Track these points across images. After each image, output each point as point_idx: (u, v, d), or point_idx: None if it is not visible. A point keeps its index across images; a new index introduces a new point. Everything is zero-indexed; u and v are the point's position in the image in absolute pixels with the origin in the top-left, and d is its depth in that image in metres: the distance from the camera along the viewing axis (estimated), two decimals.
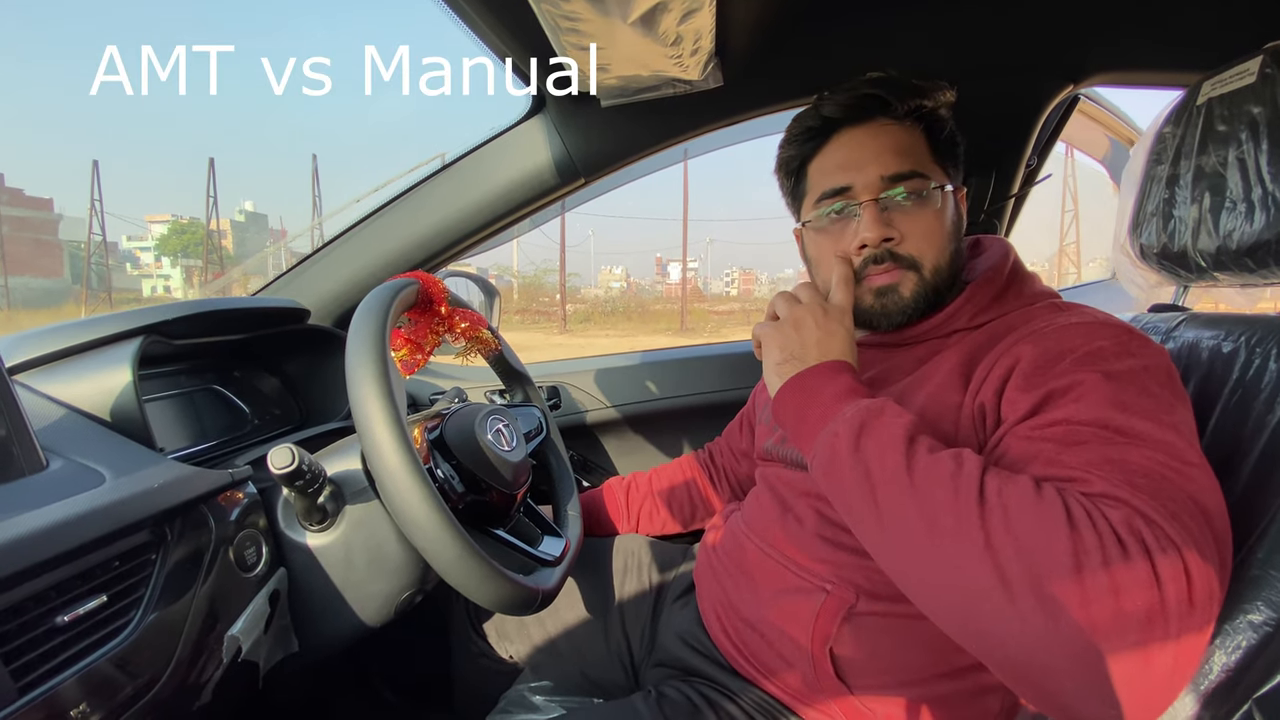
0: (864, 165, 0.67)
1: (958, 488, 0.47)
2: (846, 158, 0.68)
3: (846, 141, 0.69)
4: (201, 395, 0.87)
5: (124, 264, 46.65)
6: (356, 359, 0.56)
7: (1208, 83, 0.69)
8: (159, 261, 44.21)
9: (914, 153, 0.67)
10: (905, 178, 0.66)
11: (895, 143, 0.67)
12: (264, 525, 0.67)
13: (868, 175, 0.66)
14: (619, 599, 0.87)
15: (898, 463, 0.50)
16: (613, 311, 25.36)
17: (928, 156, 0.68)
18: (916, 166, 0.66)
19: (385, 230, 1.04)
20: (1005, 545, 0.43)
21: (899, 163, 0.66)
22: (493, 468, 0.69)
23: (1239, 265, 0.65)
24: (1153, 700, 0.41)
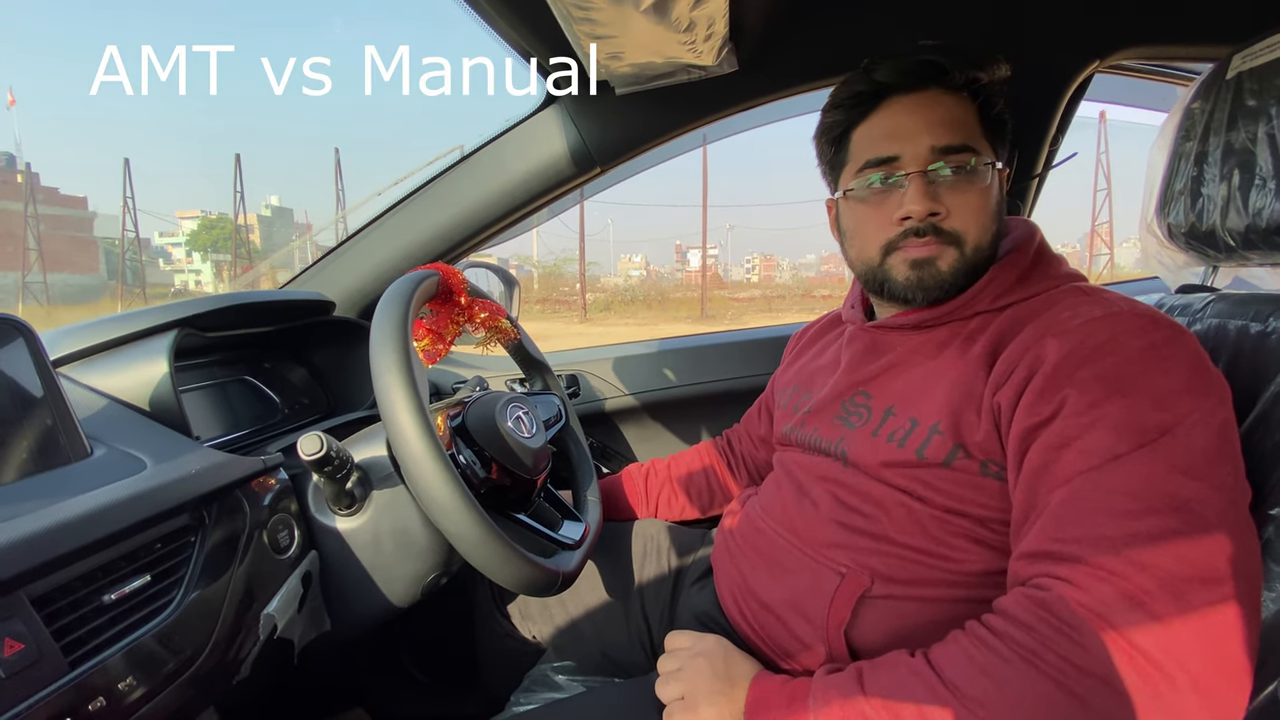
0: (915, 135, 0.64)
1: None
2: (896, 126, 0.66)
3: (897, 109, 0.66)
4: (234, 385, 0.90)
5: (156, 260, 47.92)
6: (380, 349, 0.58)
7: (1238, 56, 0.67)
8: (190, 257, 45.36)
9: (966, 125, 0.65)
10: (957, 150, 0.64)
11: (948, 114, 0.65)
12: (295, 510, 0.70)
13: (918, 145, 0.64)
14: (639, 582, 0.89)
15: None
16: (632, 300, 25.36)
17: (978, 131, 0.66)
18: (968, 140, 0.64)
19: (406, 223, 1.06)
20: None
21: (951, 134, 0.64)
22: (513, 454, 0.71)
23: (1269, 244, 0.63)
24: None
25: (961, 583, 0.61)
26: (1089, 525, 0.47)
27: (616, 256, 50.00)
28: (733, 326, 17.24)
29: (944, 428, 0.61)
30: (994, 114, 0.67)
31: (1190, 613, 0.42)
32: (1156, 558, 0.44)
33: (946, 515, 0.61)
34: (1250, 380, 0.59)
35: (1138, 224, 0.83)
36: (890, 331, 0.72)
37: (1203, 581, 0.43)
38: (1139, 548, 0.45)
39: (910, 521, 0.63)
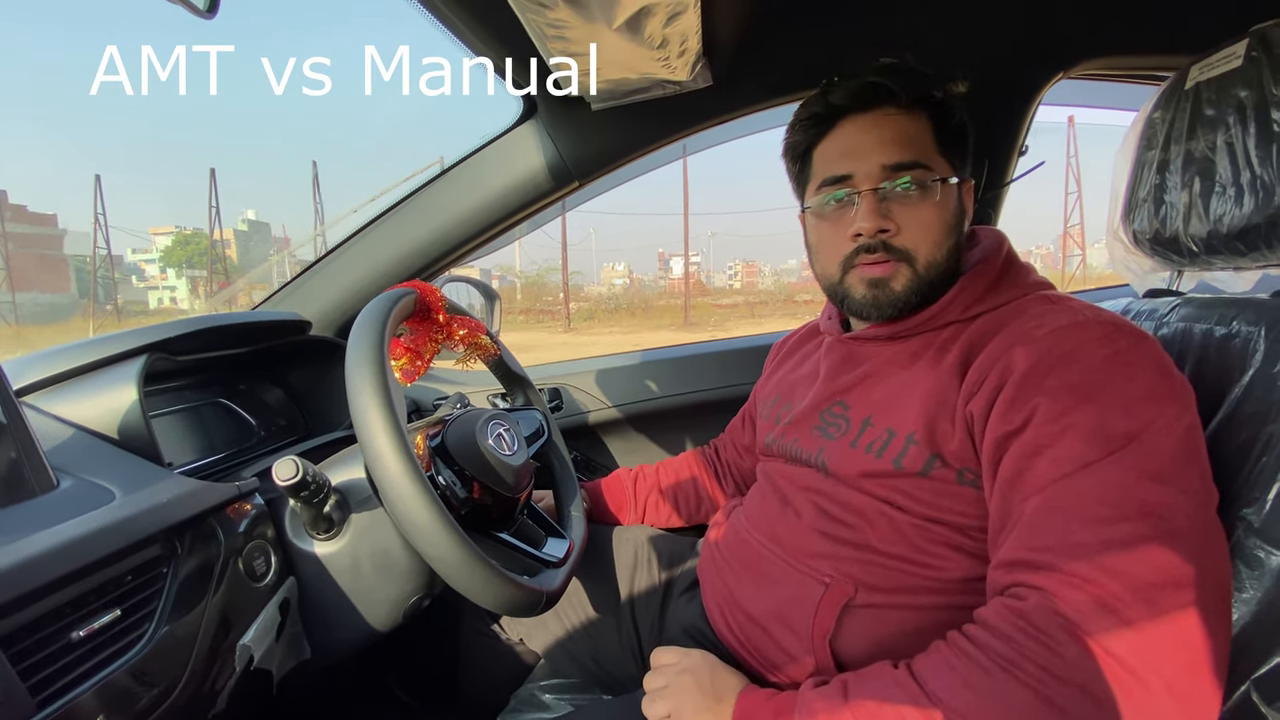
0: (866, 154, 0.66)
1: None
2: (849, 145, 0.68)
3: (850, 129, 0.68)
4: (208, 409, 0.89)
5: (129, 277, 47.04)
6: (356, 370, 0.57)
7: (1195, 67, 0.69)
8: (164, 273, 44.56)
9: (918, 143, 0.67)
10: (907, 167, 0.65)
11: (899, 132, 0.67)
12: (272, 535, 0.68)
13: (869, 164, 0.66)
14: (630, 592, 0.89)
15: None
16: (616, 308, 25.36)
17: (932, 147, 0.67)
18: (919, 157, 0.66)
19: (383, 239, 1.05)
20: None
21: (901, 152, 0.66)
22: (494, 472, 0.70)
23: (1230, 249, 0.65)
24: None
25: (943, 589, 0.62)
26: (1062, 533, 0.48)
27: (600, 265, 50.11)
28: (716, 333, 17.21)
29: (920, 438, 0.62)
30: (951, 129, 0.68)
31: (1162, 617, 0.43)
32: (1128, 564, 0.45)
33: (926, 524, 0.62)
34: (1216, 383, 0.60)
35: (1105, 227, 0.85)
36: (865, 343, 0.74)
37: (1174, 586, 0.44)
38: (1111, 554, 0.46)
39: (891, 530, 0.64)
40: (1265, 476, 0.49)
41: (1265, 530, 0.48)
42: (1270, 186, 0.58)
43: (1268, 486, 0.49)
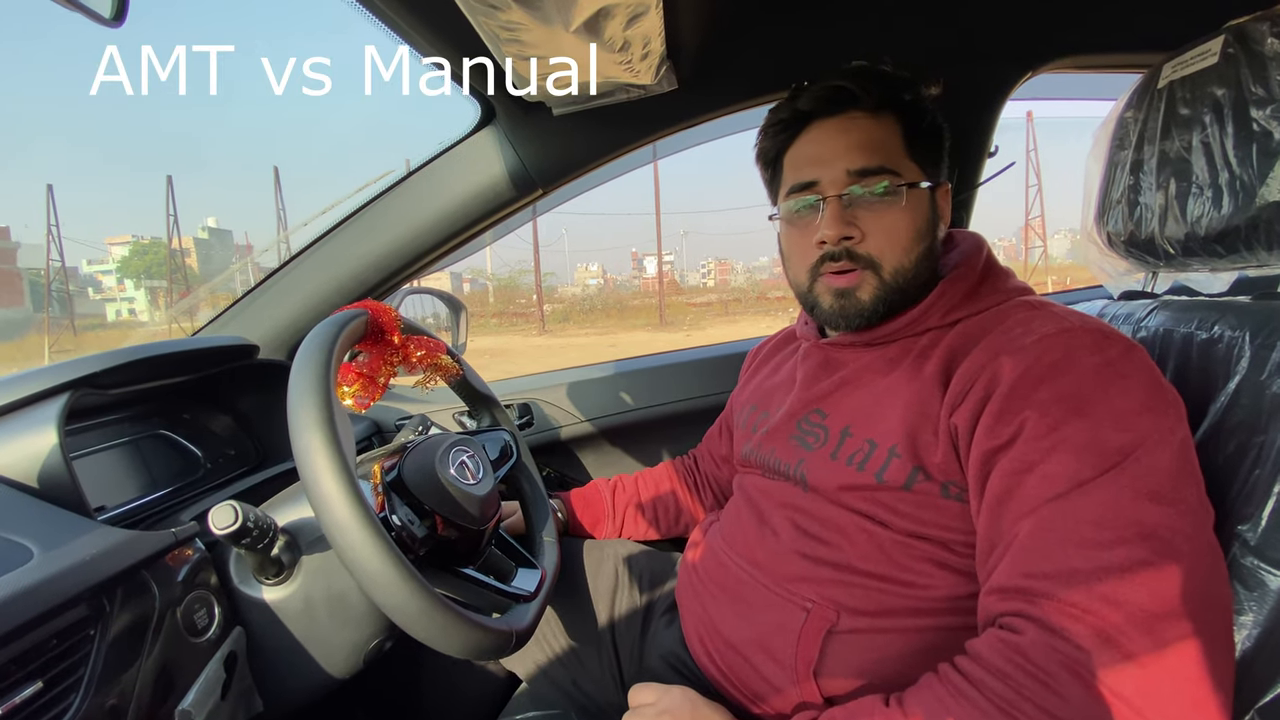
0: (831, 160, 0.65)
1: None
2: (816, 151, 0.67)
3: (817, 135, 0.67)
4: (148, 442, 0.82)
5: (85, 289, 45.42)
6: (298, 406, 0.52)
7: (1168, 65, 0.67)
8: (122, 284, 43.10)
9: (885, 148, 0.65)
10: (872, 173, 0.64)
11: (865, 137, 0.65)
12: (215, 583, 0.63)
13: (834, 170, 0.65)
14: (610, 615, 0.85)
15: None
16: (591, 309, 25.25)
17: (901, 151, 0.65)
18: (885, 162, 0.64)
19: (335, 254, 0.99)
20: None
21: (866, 158, 0.64)
22: (458, 505, 0.66)
23: (1209, 251, 0.64)
24: None
25: (927, 610, 0.60)
26: (1059, 559, 0.46)
27: (573, 266, 49.83)
28: (692, 331, 17.22)
29: (902, 450, 0.60)
30: (922, 132, 0.67)
31: (1166, 650, 0.41)
32: (1128, 592, 0.43)
33: (909, 539, 0.60)
34: (1200, 389, 0.59)
35: (1069, 221, 0.85)
36: (843, 348, 0.72)
37: (1176, 615, 0.42)
38: (1110, 581, 0.43)
39: (872, 548, 0.62)
40: (1259, 491, 0.47)
41: (1262, 549, 0.46)
42: (1250, 187, 0.57)
43: (1262, 502, 0.47)
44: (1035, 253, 25.87)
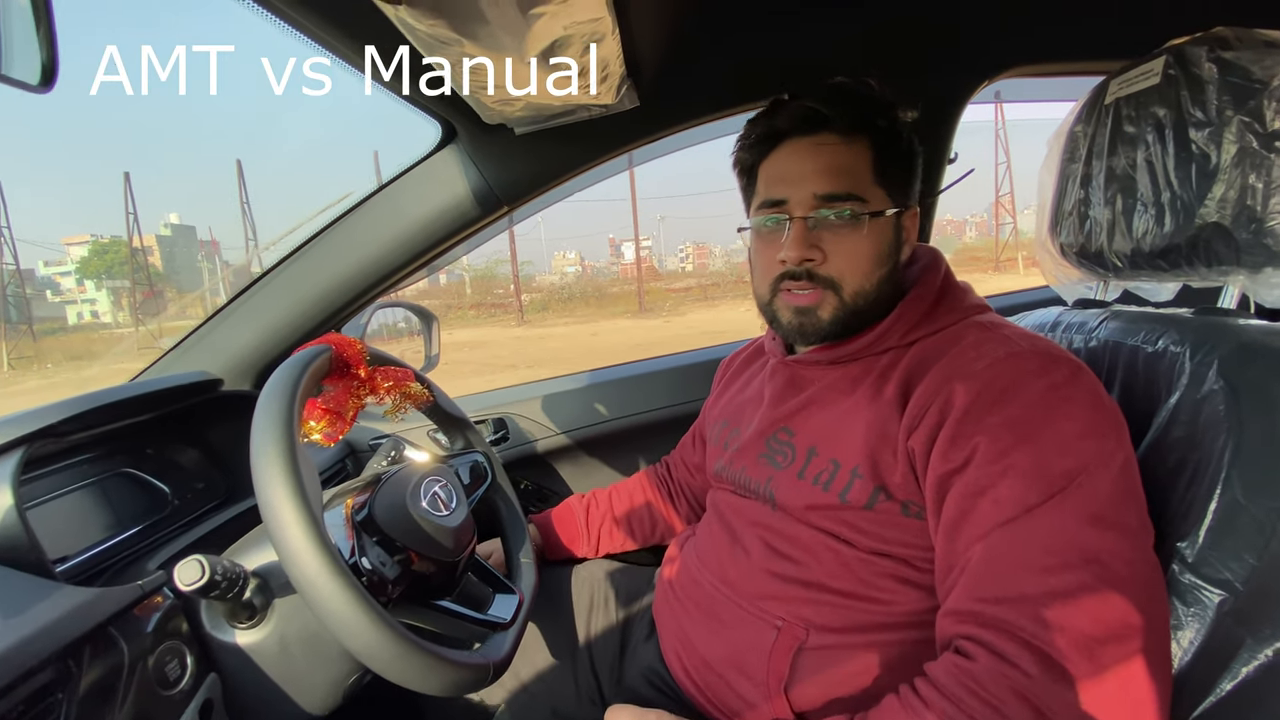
0: (801, 181, 0.66)
1: None
2: (787, 170, 0.68)
3: (789, 153, 0.68)
4: (112, 482, 0.81)
5: (44, 292, 43.90)
6: (261, 457, 0.52)
7: (1114, 82, 0.69)
8: (82, 286, 41.72)
9: (853, 173, 0.65)
10: (839, 199, 0.65)
11: (835, 161, 0.65)
12: (186, 631, 0.63)
13: (803, 191, 0.66)
14: (587, 637, 0.86)
15: None
16: (570, 298, 25.09)
17: (869, 178, 0.66)
18: (852, 188, 0.65)
19: (300, 277, 0.98)
20: None
21: (835, 183, 0.65)
22: (431, 539, 0.66)
23: (1153, 265, 0.66)
24: None
25: (893, 625, 0.62)
26: (1008, 584, 0.48)
27: (550, 254, 49.40)
28: (671, 318, 17.11)
29: (863, 470, 0.62)
30: (894, 157, 0.67)
31: (1107, 674, 0.44)
32: (1072, 618, 0.45)
33: (872, 557, 0.62)
34: (1145, 401, 0.61)
35: (1035, 239, 0.86)
36: (808, 366, 0.73)
37: (1116, 639, 0.44)
38: (1056, 606, 0.46)
39: (839, 565, 0.64)
40: (1196, 508, 0.50)
41: (1199, 566, 0.48)
42: (1190, 207, 0.59)
43: (1199, 519, 0.49)
44: (1006, 229, 26.30)
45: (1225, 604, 0.46)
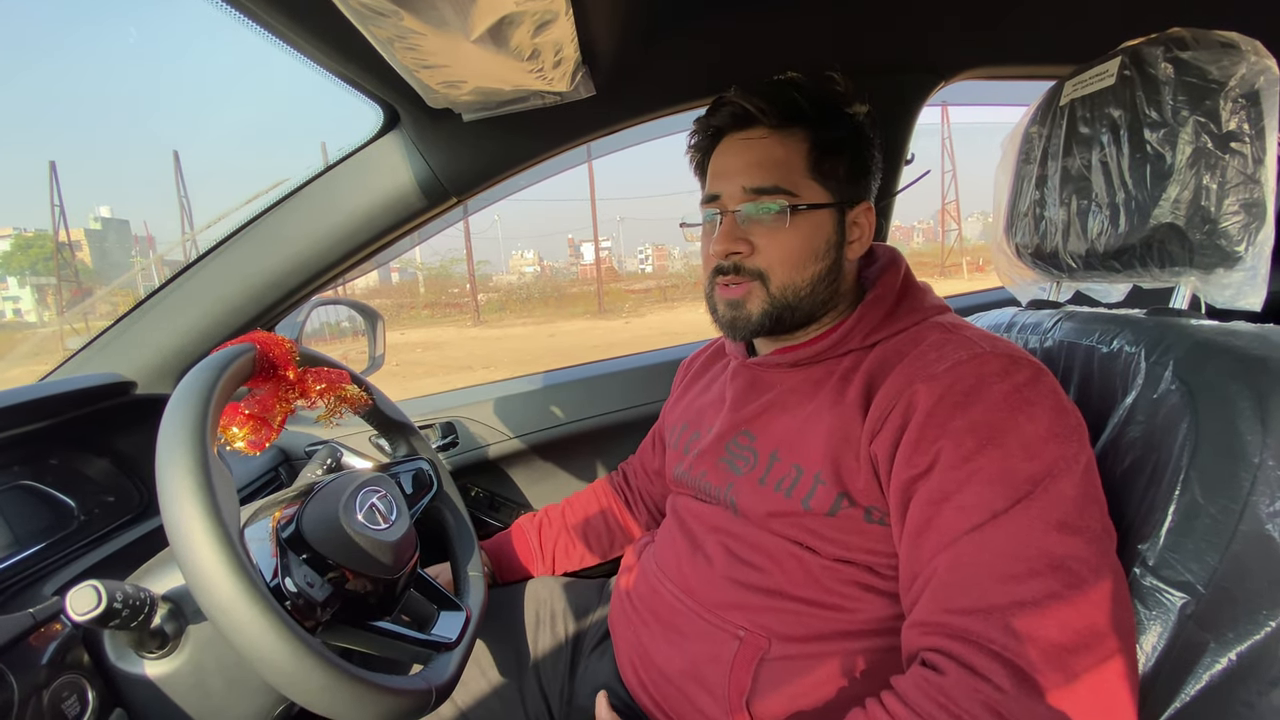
0: (732, 175, 0.67)
1: None
2: (722, 166, 0.68)
3: (725, 150, 0.69)
4: (8, 495, 0.72)
5: None
6: (167, 464, 0.46)
7: (1069, 83, 0.69)
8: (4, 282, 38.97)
9: (785, 166, 0.65)
10: (765, 192, 0.65)
11: (766, 155, 0.66)
12: (88, 662, 0.56)
13: (733, 186, 0.66)
14: (533, 657, 0.81)
15: None
16: (528, 298, 24.78)
17: (802, 171, 0.65)
18: (781, 182, 0.65)
19: (227, 270, 0.90)
20: None
21: (763, 176, 0.65)
22: (367, 555, 0.61)
23: (1107, 266, 0.66)
24: None
25: (856, 634, 0.60)
26: (976, 594, 0.47)
27: (508, 254, 48.73)
28: (631, 318, 17.11)
29: (826, 476, 0.60)
30: (833, 152, 0.66)
31: (1076, 683, 0.43)
32: (1041, 627, 0.44)
33: (835, 564, 0.61)
34: (1100, 401, 0.61)
35: (982, 204, 0.87)
36: (769, 369, 0.72)
37: (1084, 647, 0.44)
38: (1024, 616, 0.45)
39: (801, 573, 0.62)
40: (1157, 510, 0.49)
41: (1160, 569, 0.48)
42: (1145, 207, 0.59)
43: (1160, 521, 0.49)
44: (951, 235, 27.31)
45: (1187, 606, 0.46)
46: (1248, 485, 0.44)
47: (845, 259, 0.68)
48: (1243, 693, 0.43)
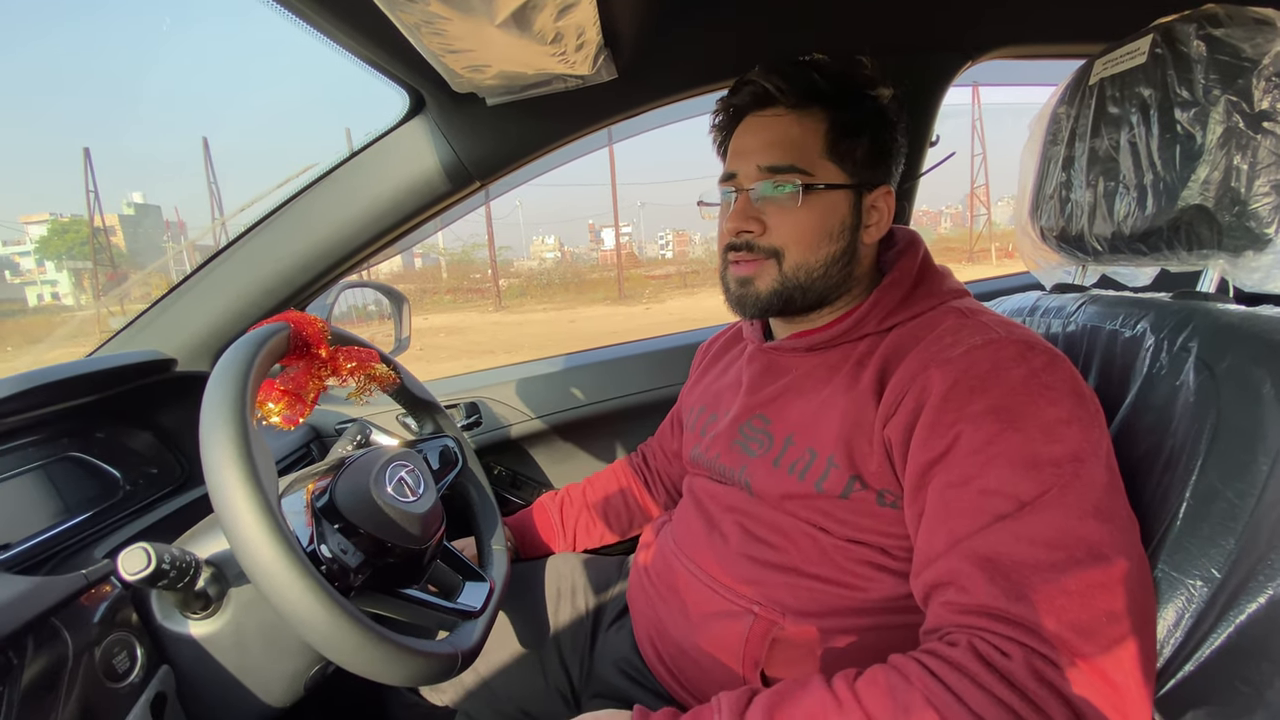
0: (749, 154, 0.67)
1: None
2: (740, 145, 0.69)
3: (745, 129, 0.69)
4: (57, 466, 0.77)
5: (2, 272, 42.29)
6: (211, 437, 0.49)
7: (1099, 62, 0.68)
8: (42, 266, 40.22)
9: (801, 146, 0.65)
10: (780, 171, 0.65)
11: (783, 135, 0.66)
12: (136, 622, 0.59)
13: (749, 165, 0.67)
14: (554, 629, 0.84)
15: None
16: (548, 284, 24.87)
17: (818, 151, 0.66)
18: (796, 161, 0.65)
19: (260, 253, 0.93)
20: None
21: (779, 155, 0.65)
22: (396, 526, 0.63)
23: (1133, 250, 0.66)
24: None
25: (868, 611, 0.61)
26: (1016, 579, 0.46)
27: (529, 239, 48.85)
28: (651, 304, 17.06)
29: (839, 460, 0.61)
30: (852, 133, 0.66)
31: (1120, 665, 0.43)
32: (1086, 613, 0.44)
33: (848, 544, 0.62)
34: (1120, 386, 0.61)
35: (1013, 188, 0.86)
36: (785, 353, 0.72)
37: (1125, 635, 0.44)
38: (1073, 608, 0.44)
39: (815, 551, 0.63)
40: (1172, 495, 0.49)
41: (1173, 553, 0.48)
42: (1173, 189, 0.58)
43: (1175, 506, 0.49)
44: (980, 220, 26.67)
45: (1201, 590, 0.46)
46: (1266, 470, 0.44)
47: (861, 242, 0.68)
48: (1253, 674, 0.43)
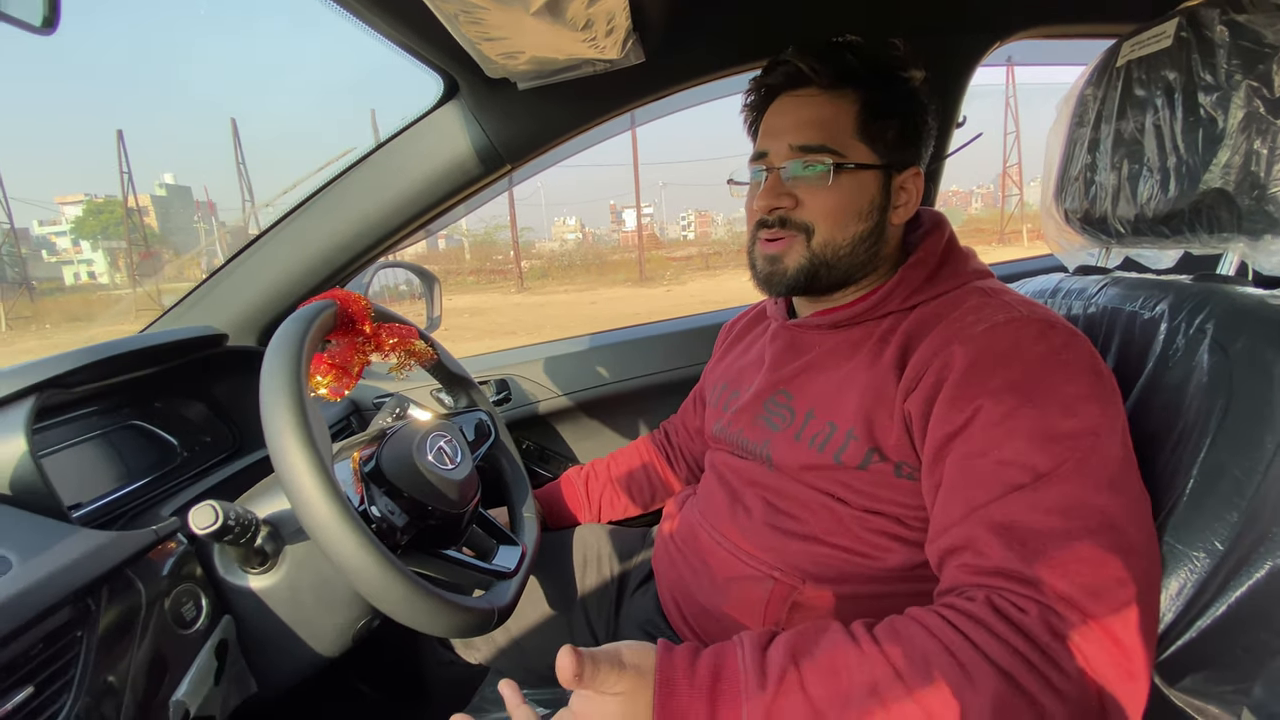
0: (781, 134, 0.68)
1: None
2: (772, 124, 0.70)
3: (777, 109, 0.70)
4: (120, 434, 0.82)
5: (39, 251, 43.56)
6: (272, 407, 0.53)
7: (1126, 44, 0.68)
8: (78, 246, 41.36)
9: (833, 126, 0.66)
10: (811, 150, 0.66)
11: (815, 114, 0.67)
12: (201, 575, 0.65)
13: (780, 144, 0.68)
14: (581, 594, 0.88)
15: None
16: (570, 265, 24.93)
17: (850, 132, 0.67)
18: (828, 141, 0.66)
19: (301, 235, 0.97)
20: None
21: (811, 135, 0.66)
22: (437, 491, 0.68)
23: (1155, 232, 0.66)
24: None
25: (884, 578, 0.64)
26: (1032, 548, 0.48)
27: (550, 220, 48.90)
28: (673, 286, 16.96)
29: (859, 433, 0.63)
30: (883, 114, 0.67)
31: (1130, 630, 0.45)
32: (1099, 578, 0.46)
33: (865, 514, 0.64)
34: (1138, 366, 0.62)
35: (1040, 204, 0.86)
36: (808, 331, 0.74)
37: (1133, 600, 0.46)
38: (1086, 572, 0.46)
39: (834, 522, 0.65)
40: (1181, 471, 0.51)
41: (1179, 527, 0.50)
42: (1196, 172, 0.59)
43: (1184, 482, 0.50)
44: (1012, 200, 25.97)
45: (1205, 563, 0.48)
46: (1273, 449, 0.46)
47: (889, 223, 0.69)
48: (1253, 643, 0.45)
